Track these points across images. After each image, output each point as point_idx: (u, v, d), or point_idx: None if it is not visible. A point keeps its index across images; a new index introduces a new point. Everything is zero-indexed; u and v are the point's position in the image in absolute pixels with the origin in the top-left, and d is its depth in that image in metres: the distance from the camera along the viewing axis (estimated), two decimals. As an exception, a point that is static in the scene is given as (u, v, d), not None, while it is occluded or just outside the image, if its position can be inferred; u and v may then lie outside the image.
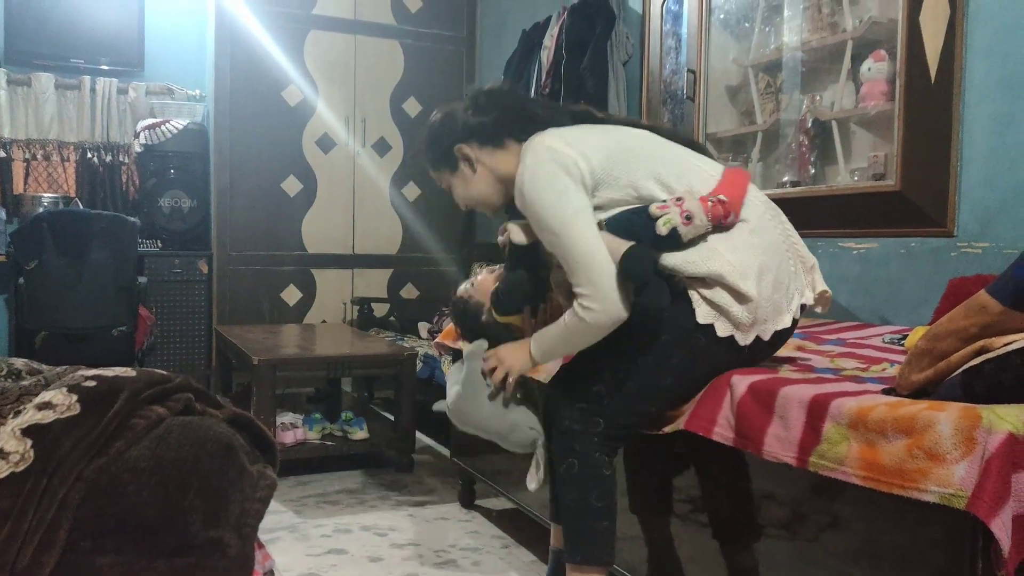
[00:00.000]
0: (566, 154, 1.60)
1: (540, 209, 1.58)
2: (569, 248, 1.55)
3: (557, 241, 1.57)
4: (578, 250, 1.54)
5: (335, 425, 3.28)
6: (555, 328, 1.64)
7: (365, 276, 4.75)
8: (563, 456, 1.63)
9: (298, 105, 4.56)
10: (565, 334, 1.62)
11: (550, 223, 1.57)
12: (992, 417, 1.12)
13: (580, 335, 1.59)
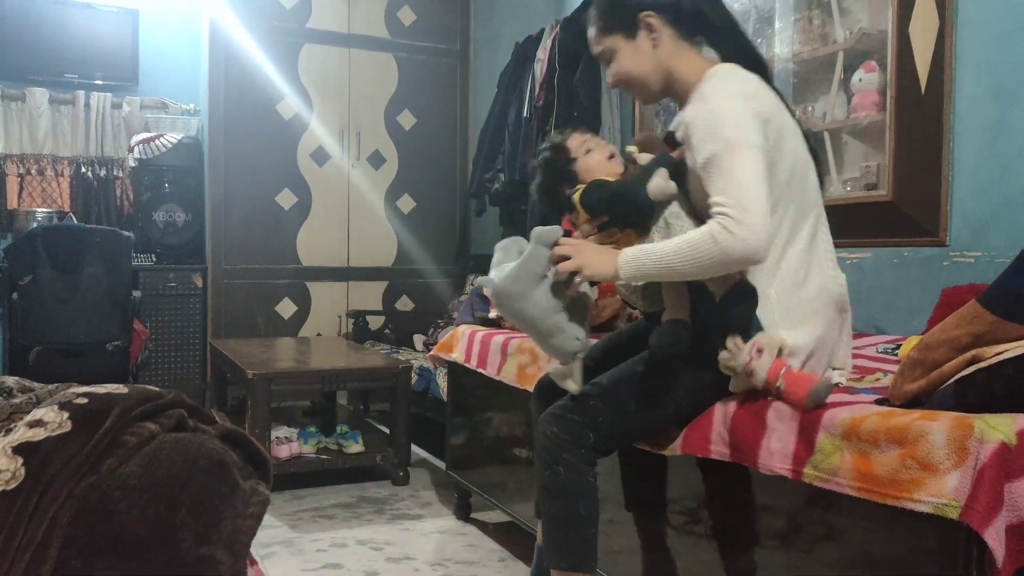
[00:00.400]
0: (768, 111, 1.47)
1: (719, 119, 1.43)
2: (734, 166, 1.39)
3: (723, 154, 1.40)
4: (743, 174, 1.39)
5: (330, 439, 3.27)
6: (665, 244, 1.45)
7: (360, 289, 4.74)
8: (549, 463, 1.59)
9: (292, 119, 4.57)
10: (678, 252, 1.42)
11: (726, 133, 1.41)
12: (984, 427, 1.12)
13: (698, 258, 1.40)
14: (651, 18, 1.58)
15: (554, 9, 4.10)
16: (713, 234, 1.38)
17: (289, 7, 4.54)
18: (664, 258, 1.43)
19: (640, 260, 1.47)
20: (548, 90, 3.64)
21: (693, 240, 1.40)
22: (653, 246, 1.47)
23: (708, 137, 1.43)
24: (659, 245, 1.46)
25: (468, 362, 2.62)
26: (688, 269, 1.42)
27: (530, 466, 2.33)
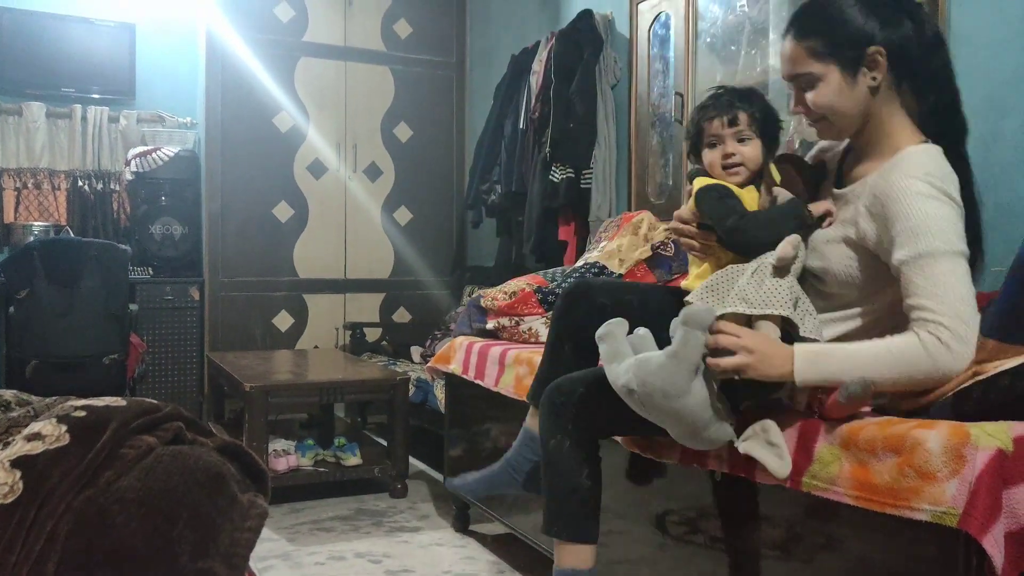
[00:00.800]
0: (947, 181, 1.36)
1: (934, 219, 1.31)
2: (948, 274, 1.28)
3: (938, 258, 1.29)
4: (961, 286, 1.28)
5: (328, 451, 3.26)
6: (856, 349, 1.33)
7: (357, 301, 4.74)
8: (553, 431, 1.58)
9: (289, 131, 4.58)
10: (876, 359, 1.29)
11: (942, 237, 1.29)
12: (980, 434, 1.13)
13: (903, 370, 1.28)
14: (880, 56, 1.41)
15: (549, 21, 4.13)
16: (927, 346, 1.26)
17: (285, 21, 4.56)
18: (857, 365, 1.29)
19: (823, 364, 1.32)
20: (544, 101, 3.66)
21: (899, 350, 1.28)
22: (836, 348, 1.34)
23: (920, 234, 1.30)
24: (846, 348, 1.33)
25: (466, 373, 2.62)
26: (886, 378, 1.29)
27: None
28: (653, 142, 3.46)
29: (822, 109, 1.47)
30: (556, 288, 2.69)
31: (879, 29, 1.41)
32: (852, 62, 1.42)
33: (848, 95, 1.44)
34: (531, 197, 3.71)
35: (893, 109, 1.45)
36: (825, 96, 1.45)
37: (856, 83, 1.43)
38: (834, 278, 1.46)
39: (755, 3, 3.03)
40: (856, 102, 1.44)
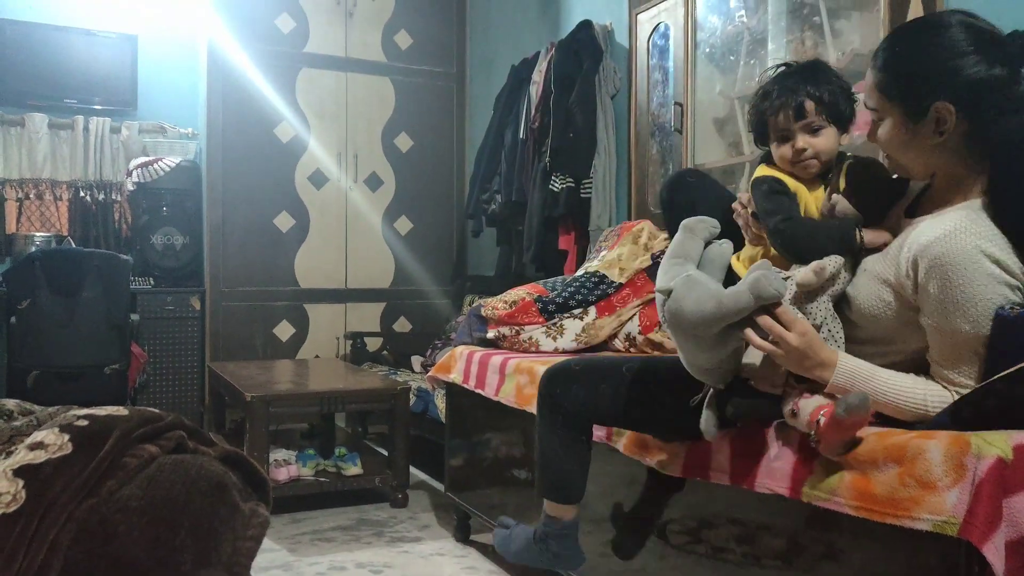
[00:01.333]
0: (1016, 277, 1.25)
1: (974, 300, 1.23)
2: (969, 344, 1.26)
3: (963, 335, 1.25)
4: (978, 358, 1.27)
5: (329, 461, 3.26)
6: (892, 379, 1.32)
7: (358, 310, 4.75)
8: (551, 411, 1.72)
9: (290, 142, 4.59)
10: (901, 393, 1.30)
11: (964, 320, 1.24)
12: (981, 443, 1.13)
13: (922, 412, 1.30)
14: (947, 112, 1.28)
15: (549, 32, 4.14)
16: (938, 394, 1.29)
17: (287, 32, 4.58)
18: (886, 392, 1.31)
19: (857, 382, 1.32)
20: (544, 111, 3.67)
21: (931, 396, 1.29)
22: (874, 371, 1.32)
23: (953, 312, 1.25)
24: (882, 374, 1.32)
25: (466, 383, 2.63)
26: (903, 411, 1.31)
27: (530, 487, 2.33)
28: (653, 152, 3.48)
29: (886, 149, 1.39)
30: (556, 297, 2.70)
31: (951, 81, 1.27)
32: (914, 113, 1.31)
33: (907, 144, 1.34)
34: (531, 206, 3.72)
35: (962, 169, 1.33)
36: (886, 137, 1.36)
37: (915, 135, 1.32)
38: (861, 313, 1.39)
39: (754, 13, 3.04)
40: (916, 154, 1.34)
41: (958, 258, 1.24)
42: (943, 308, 1.26)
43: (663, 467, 1.67)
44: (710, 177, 1.87)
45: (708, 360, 1.42)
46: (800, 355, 1.33)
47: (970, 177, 1.33)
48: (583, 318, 2.69)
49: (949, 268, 1.24)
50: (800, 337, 1.32)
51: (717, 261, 1.46)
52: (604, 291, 2.73)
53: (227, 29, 4.42)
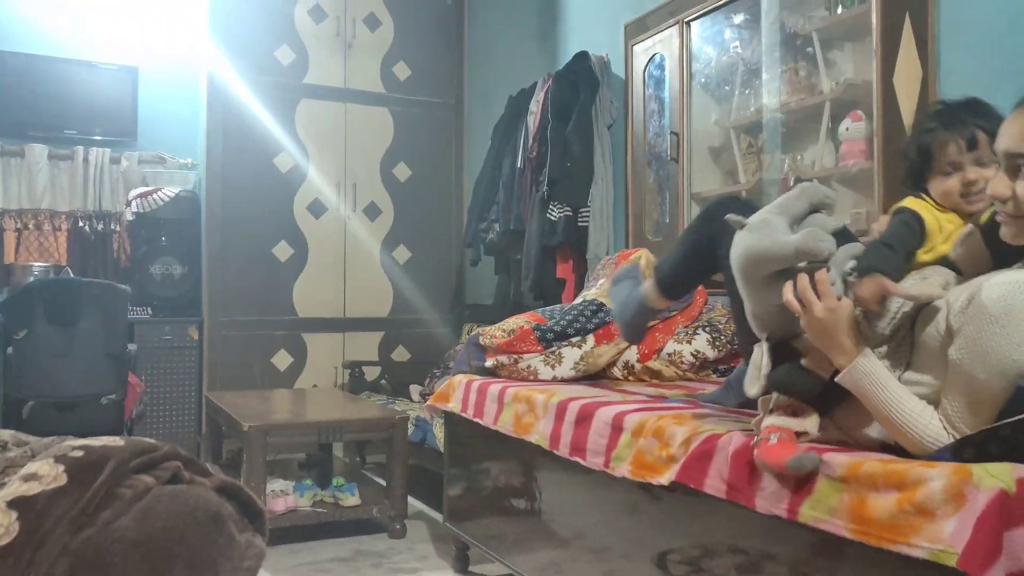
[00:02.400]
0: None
1: (993, 347, 1.20)
2: (985, 398, 1.24)
3: (976, 381, 1.23)
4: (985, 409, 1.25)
5: (326, 491, 3.24)
6: (901, 397, 1.30)
7: (356, 339, 4.74)
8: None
9: (289, 171, 4.62)
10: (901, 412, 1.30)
11: (982, 369, 1.22)
12: (983, 474, 1.12)
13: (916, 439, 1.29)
14: None
15: (546, 63, 4.19)
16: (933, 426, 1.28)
17: (286, 64, 4.63)
18: (890, 408, 1.30)
19: (864, 383, 1.32)
20: (541, 141, 3.70)
21: (930, 429, 1.28)
22: (888, 382, 1.31)
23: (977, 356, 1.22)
24: (894, 388, 1.31)
25: (465, 412, 2.62)
26: (900, 432, 1.30)
27: (529, 516, 2.31)
28: (649, 180, 3.50)
29: (1002, 205, 1.25)
30: (555, 326, 2.70)
31: None
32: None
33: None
34: (529, 235, 3.74)
35: None
36: (1002, 193, 1.24)
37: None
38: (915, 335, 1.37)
39: (748, 44, 3.08)
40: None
41: (1010, 311, 1.20)
42: (971, 348, 1.23)
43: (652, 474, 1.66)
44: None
45: (756, 305, 1.47)
46: (821, 329, 1.33)
47: None
48: (581, 346, 2.69)
49: (997, 314, 1.20)
50: (827, 311, 1.32)
51: (815, 229, 1.41)
52: (602, 319, 2.74)
53: (227, 61, 4.46)
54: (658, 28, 3.38)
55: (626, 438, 1.84)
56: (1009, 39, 2.13)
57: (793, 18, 2.84)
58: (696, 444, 1.61)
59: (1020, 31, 2.10)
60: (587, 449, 1.96)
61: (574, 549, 2.09)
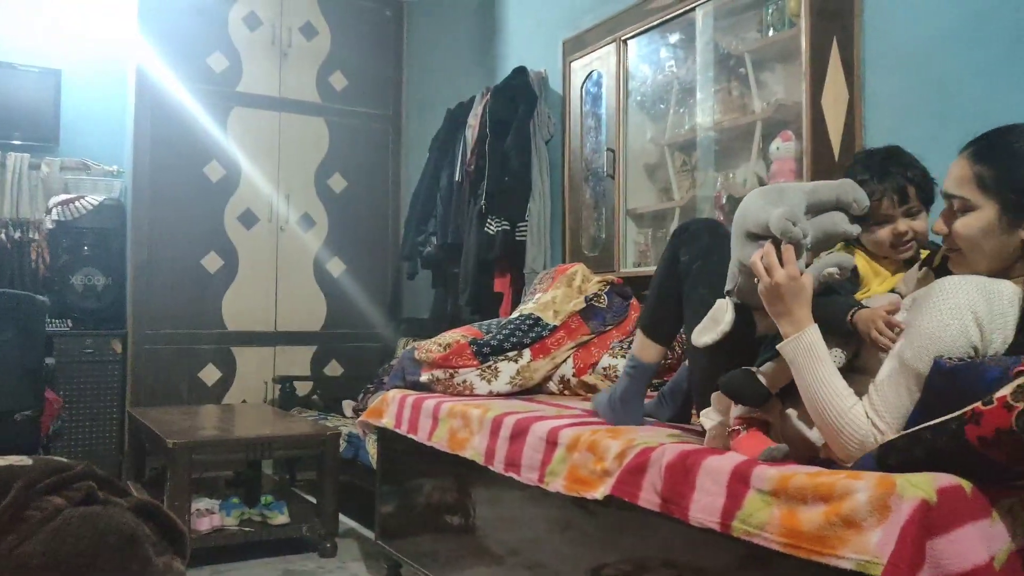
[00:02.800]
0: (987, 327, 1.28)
1: (925, 325, 1.29)
2: (904, 382, 1.30)
3: (903, 362, 1.30)
4: (909, 394, 1.30)
5: (254, 510, 3.15)
6: (832, 378, 1.36)
7: (287, 354, 4.64)
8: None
9: (220, 181, 4.51)
10: (823, 392, 1.35)
11: (909, 347, 1.29)
12: (906, 485, 1.15)
13: (831, 422, 1.34)
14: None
15: (485, 77, 4.19)
16: (861, 432, 1.32)
17: (219, 71, 4.52)
18: (820, 385, 1.36)
19: (802, 356, 1.38)
20: (479, 155, 3.70)
21: (851, 415, 1.32)
22: (826, 362, 1.37)
23: (909, 334, 1.31)
24: (829, 368, 1.37)
25: (399, 427, 2.58)
26: (820, 411, 1.36)
27: (463, 533, 2.28)
28: (587, 196, 3.52)
29: (961, 241, 1.36)
30: (491, 340, 2.68)
31: None
32: (1015, 208, 1.31)
33: (995, 239, 1.33)
34: (467, 249, 3.72)
35: (1009, 247, 1.33)
36: (971, 229, 1.34)
37: (1011, 232, 1.32)
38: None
39: (683, 63, 3.14)
40: (1001, 250, 1.33)
41: (947, 297, 1.28)
42: (905, 332, 1.33)
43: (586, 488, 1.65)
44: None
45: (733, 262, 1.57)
46: (779, 295, 1.40)
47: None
48: (518, 361, 2.68)
49: (934, 297, 1.30)
50: (789, 279, 1.40)
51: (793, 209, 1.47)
52: (539, 334, 2.73)
53: (157, 66, 4.34)
54: (596, 45, 3.42)
55: (561, 453, 1.83)
56: (929, 66, 2.22)
57: (727, 39, 2.91)
58: (630, 458, 1.62)
59: (939, 59, 2.19)
60: (522, 464, 1.95)
61: (508, 566, 2.07)
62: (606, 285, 2.92)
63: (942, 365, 1.26)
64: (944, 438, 1.19)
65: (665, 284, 1.90)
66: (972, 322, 1.27)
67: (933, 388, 1.27)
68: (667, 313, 1.90)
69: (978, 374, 1.23)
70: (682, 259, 1.84)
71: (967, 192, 1.36)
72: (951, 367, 1.25)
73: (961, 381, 1.24)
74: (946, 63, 2.18)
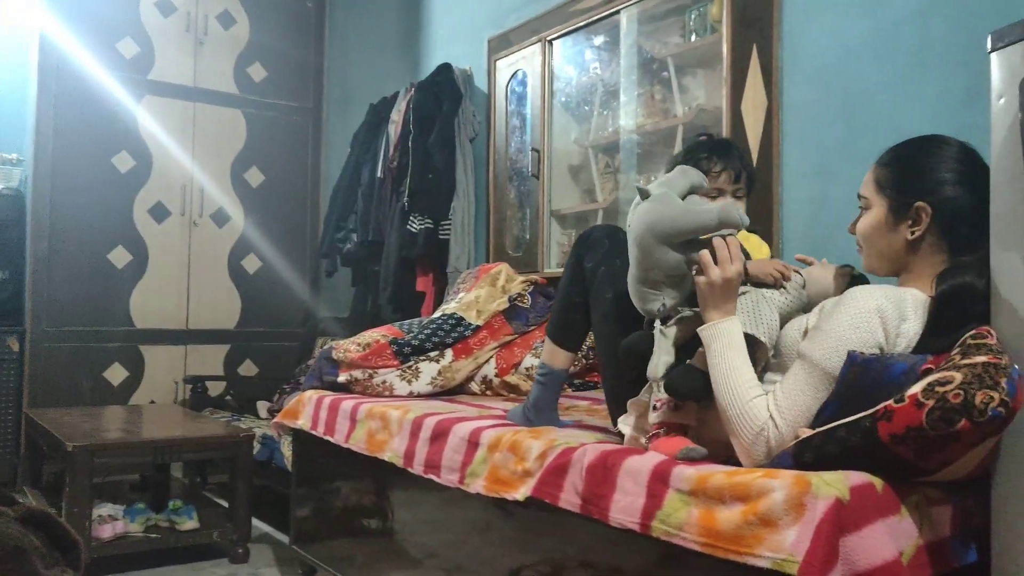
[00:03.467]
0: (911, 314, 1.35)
1: (835, 328, 1.34)
2: (811, 381, 1.34)
3: (810, 362, 1.34)
4: (813, 392, 1.34)
5: (161, 515, 3.02)
6: (742, 364, 1.41)
7: (200, 352, 4.48)
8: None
9: (129, 172, 4.32)
10: (728, 383, 1.39)
11: (819, 347, 1.34)
12: (820, 483, 1.16)
13: (739, 417, 1.37)
14: (925, 213, 1.40)
15: (409, 72, 4.14)
16: (759, 422, 1.35)
17: (129, 57, 4.34)
18: (729, 370, 1.40)
19: (719, 341, 1.43)
20: (403, 151, 3.64)
21: (752, 405, 1.36)
22: (739, 350, 1.41)
23: (818, 335, 1.36)
24: (740, 356, 1.41)
25: (315, 429, 2.51)
26: (724, 396, 1.39)
27: (381, 536, 2.24)
28: (511, 196, 3.51)
29: (860, 238, 1.51)
30: (412, 340, 2.64)
31: (938, 188, 1.39)
32: (900, 207, 1.43)
33: (883, 235, 1.45)
34: (388, 247, 3.66)
35: (928, 270, 1.41)
36: (866, 227, 1.49)
37: (896, 229, 1.43)
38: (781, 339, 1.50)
39: (607, 66, 3.16)
40: (888, 245, 1.45)
41: (856, 302, 1.35)
42: (814, 333, 1.38)
43: (507, 489, 1.64)
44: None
45: (649, 271, 1.52)
46: (726, 288, 1.44)
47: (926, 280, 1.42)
48: (439, 361, 2.64)
49: (844, 304, 1.36)
50: (737, 273, 1.45)
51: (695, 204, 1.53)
52: (461, 333, 2.70)
53: (61, 50, 4.13)
54: (521, 45, 3.41)
55: (482, 453, 1.80)
56: (840, 77, 2.28)
57: (650, 43, 2.94)
58: (552, 458, 1.60)
59: (849, 71, 2.26)
60: (442, 466, 1.91)
61: (426, 569, 2.04)
62: (530, 285, 2.91)
63: (855, 357, 1.30)
64: (858, 435, 1.22)
65: (571, 291, 1.89)
66: (879, 324, 1.33)
67: (846, 380, 1.30)
68: (575, 319, 1.90)
69: (886, 367, 1.27)
70: (586, 265, 1.84)
71: (867, 192, 1.50)
72: (864, 359, 1.29)
73: (872, 373, 1.28)
74: (855, 75, 2.25)
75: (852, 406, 1.26)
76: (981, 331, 1.25)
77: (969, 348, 1.21)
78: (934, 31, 2.07)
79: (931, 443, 1.16)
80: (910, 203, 1.41)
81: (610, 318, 1.75)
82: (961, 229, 1.39)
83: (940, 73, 2.05)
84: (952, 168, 1.41)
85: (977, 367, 1.16)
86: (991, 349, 1.20)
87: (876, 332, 1.32)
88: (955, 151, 1.43)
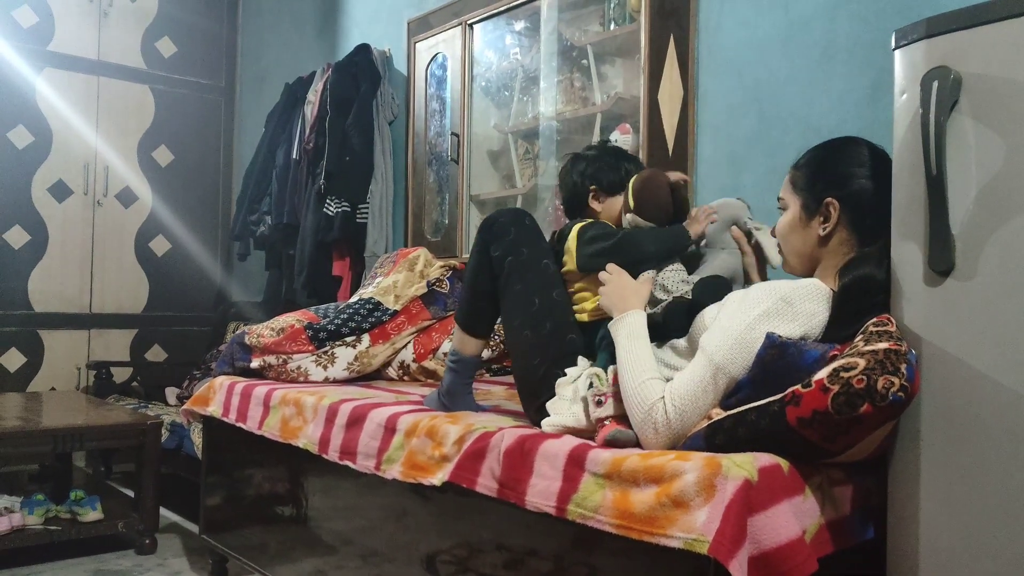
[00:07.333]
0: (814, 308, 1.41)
1: (732, 325, 1.40)
2: (708, 376, 1.38)
3: (708, 362, 1.39)
4: (705, 384, 1.38)
5: (62, 507, 2.89)
6: (644, 351, 1.48)
7: (104, 337, 4.30)
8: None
9: (27, 148, 4.10)
10: (634, 373, 1.45)
11: (726, 356, 1.38)
12: (731, 465, 1.20)
13: (636, 401, 1.41)
14: (833, 208, 1.45)
15: (326, 53, 4.04)
16: (650, 401, 1.40)
17: (27, 26, 4.10)
18: (631, 356, 1.47)
19: (624, 331, 1.52)
20: (319, 133, 3.56)
21: (647, 387, 1.42)
22: (643, 341, 1.50)
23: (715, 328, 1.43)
24: (644, 346, 1.49)
25: (226, 416, 2.44)
26: (624, 379, 1.46)
27: (294, 524, 2.20)
28: (430, 180, 3.48)
29: (778, 237, 1.58)
30: (328, 324, 2.59)
31: (846, 183, 1.45)
32: (810, 204, 1.49)
33: (797, 233, 1.52)
34: (304, 230, 3.58)
35: (841, 259, 1.46)
36: (783, 226, 1.55)
37: (808, 226, 1.49)
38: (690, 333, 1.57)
39: (527, 52, 3.16)
40: (803, 243, 1.51)
41: (754, 305, 1.40)
42: (715, 324, 1.44)
43: (423, 474, 1.63)
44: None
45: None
46: (623, 288, 1.60)
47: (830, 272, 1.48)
48: (356, 346, 2.60)
49: (746, 302, 1.42)
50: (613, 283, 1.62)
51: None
52: (379, 318, 2.67)
53: (-50, 15, 3.87)
54: (441, 27, 3.38)
55: (399, 439, 1.79)
56: (753, 68, 2.34)
57: (570, 30, 2.95)
58: (469, 442, 1.60)
59: (762, 62, 2.32)
60: (358, 452, 1.89)
61: (340, 556, 2.01)
62: (448, 270, 2.89)
63: (774, 339, 1.34)
64: (767, 419, 1.26)
65: (478, 279, 1.88)
66: (777, 322, 1.39)
67: (763, 360, 1.35)
68: (482, 307, 1.89)
69: (801, 353, 1.33)
70: (493, 254, 1.83)
71: (784, 194, 1.56)
72: (781, 342, 1.34)
73: (788, 357, 1.33)
74: (767, 68, 2.31)
75: (766, 388, 1.31)
76: (882, 319, 1.31)
77: (871, 335, 1.27)
78: (841, 28, 2.15)
79: (836, 426, 1.21)
80: (820, 199, 1.47)
81: (518, 311, 1.75)
82: (868, 222, 1.43)
83: (847, 68, 2.13)
84: (860, 164, 1.46)
85: (879, 353, 1.21)
86: (892, 336, 1.25)
87: (774, 329, 1.37)
88: (864, 150, 1.48)
